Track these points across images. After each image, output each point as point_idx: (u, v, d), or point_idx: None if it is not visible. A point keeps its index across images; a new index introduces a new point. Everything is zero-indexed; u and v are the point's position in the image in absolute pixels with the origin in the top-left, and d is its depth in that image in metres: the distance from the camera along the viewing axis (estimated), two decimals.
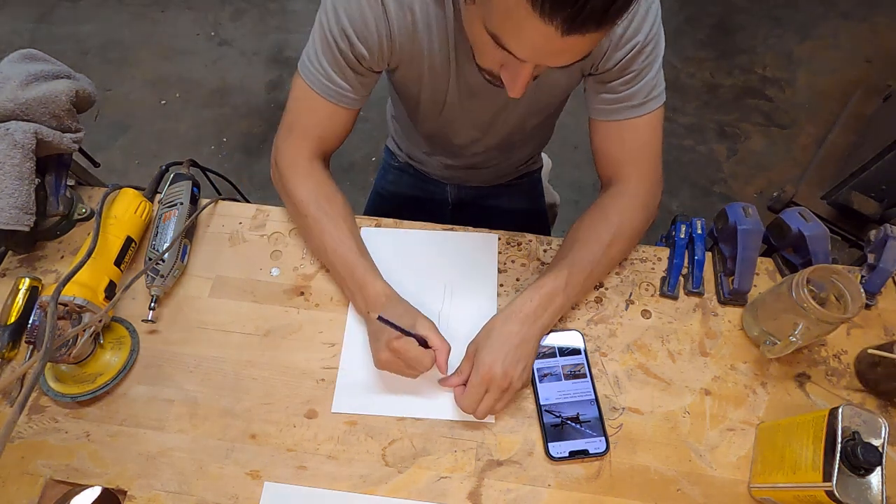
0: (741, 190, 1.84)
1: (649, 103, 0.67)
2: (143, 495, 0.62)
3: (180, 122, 2.02)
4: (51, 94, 0.71)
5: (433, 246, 0.77)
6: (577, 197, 1.81)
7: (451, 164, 0.96)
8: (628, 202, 0.71)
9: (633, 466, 0.63)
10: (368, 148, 1.94)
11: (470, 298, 0.73)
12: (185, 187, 0.77)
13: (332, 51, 0.65)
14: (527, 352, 0.64)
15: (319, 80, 0.68)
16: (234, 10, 2.28)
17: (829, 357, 0.69)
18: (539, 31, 0.45)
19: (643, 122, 0.68)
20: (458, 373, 0.65)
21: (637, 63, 0.64)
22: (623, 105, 0.68)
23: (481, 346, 0.64)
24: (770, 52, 2.12)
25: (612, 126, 0.70)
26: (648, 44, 0.63)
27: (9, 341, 0.61)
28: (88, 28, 2.24)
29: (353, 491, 0.62)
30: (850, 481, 0.51)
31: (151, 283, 0.70)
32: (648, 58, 0.64)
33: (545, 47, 0.47)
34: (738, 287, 0.70)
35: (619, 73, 0.65)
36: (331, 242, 0.70)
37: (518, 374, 0.62)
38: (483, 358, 0.62)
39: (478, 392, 0.62)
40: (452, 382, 0.65)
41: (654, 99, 0.68)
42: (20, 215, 0.68)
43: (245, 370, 0.69)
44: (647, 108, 0.68)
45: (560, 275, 0.66)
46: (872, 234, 0.71)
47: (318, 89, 0.68)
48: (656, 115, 0.69)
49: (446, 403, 0.66)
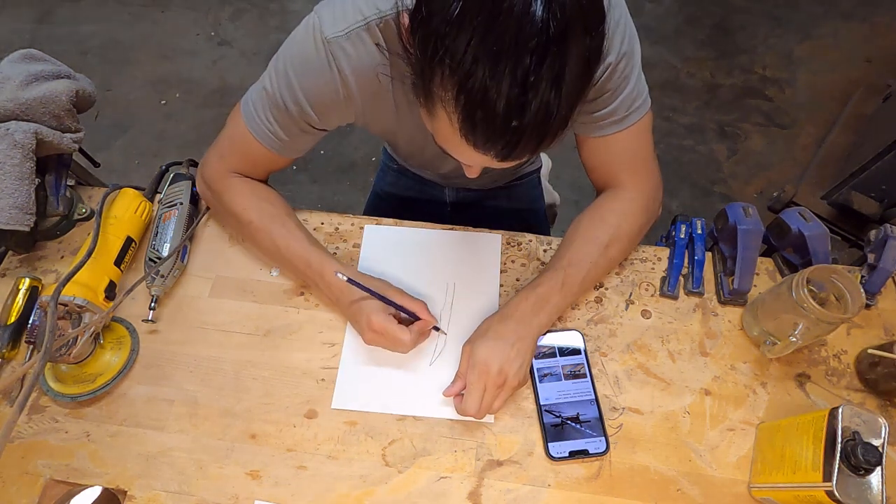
0: (741, 190, 1.84)
1: (632, 115, 0.65)
2: (143, 495, 0.62)
3: (180, 122, 2.02)
4: (51, 94, 0.71)
5: (436, 245, 0.77)
6: (577, 197, 1.81)
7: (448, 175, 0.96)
8: (627, 205, 0.70)
9: (632, 466, 0.63)
10: (368, 148, 1.93)
11: (473, 298, 0.73)
12: (185, 187, 0.77)
13: (281, 113, 0.63)
14: (523, 350, 0.64)
15: (262, 131, 0.66)
16: (234, 10, 2.28)
17: (829, 357, 0.69)
18: (478, 157, 0.47)
19: (629, 133, 0.66)
20: (458, 376, 0.65)
21: (612, 82, 0.61)
22: (606, 122, 0.65)
23: (477, 345, 0.64)
24: (770, 52, 2.12)
25: (598, 141, 0.68)
26: (621, 61, 0.60)
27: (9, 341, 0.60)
28: (88, 28, 2.24)
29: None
30: (850, 481, 0.51)
31: (151, 283, 0.70)
32: (623, 73, 0.61)
33: (487, 164, 0.49)
34: (738, 287, 0.70)
35: (596, 94, 0.62)
36: (281, 241, 0.69)
37: (514, 371, 0.62)
38: (479, 355, 0.62)
39: (477, 390, 0.62)
40: (455, 389, 0.65)
41: (636, 110, 0.65)
42: (20, 215, 0.68)
43: (245, 370, 0.69)
44: (630, 120, 0.65)
45: (556, 275, 0.67)
46: (872, 234, 0.71)
47: (258, 137, 0.66)
48: (643, 123, 0.67)
49: (446, 402, 0.66)
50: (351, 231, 0.79)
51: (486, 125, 0.43)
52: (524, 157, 0.47)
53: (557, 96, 0.41)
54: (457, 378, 0.65)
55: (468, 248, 0.77)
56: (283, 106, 0.62)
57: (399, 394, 0.67)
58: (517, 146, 0.44)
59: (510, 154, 0.45)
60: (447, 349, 0.70)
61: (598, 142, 0.68)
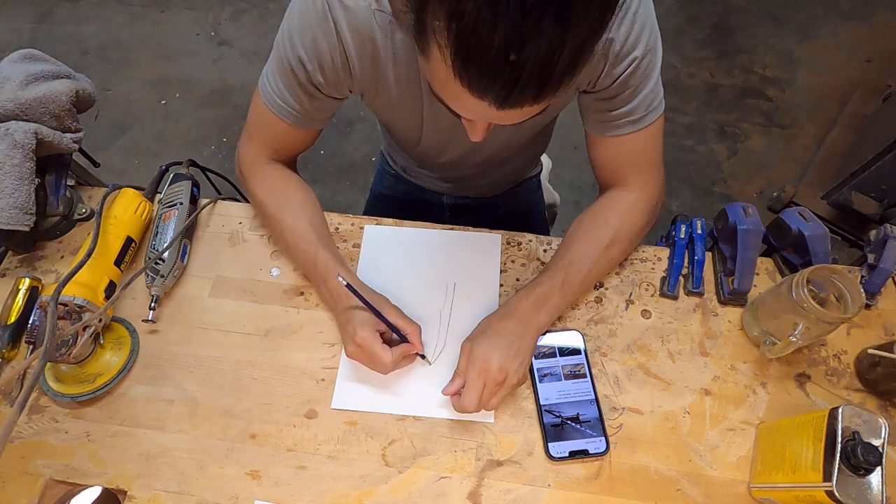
0: (741, 190, 1.84)
1: (649, 115, 0.65)
2: (143, 495, 0.62)
3: (180, 122, 2.02)
4: (51, 94, 0.71)
5: (436, 245, 0.77)
6: (577, 197, 1.81)
7: (446, 177, 0.96)
8: (630, 207, 0.70)
9: (633, 466, 0.63)
10: (368, 148, 1.93)
11: (473, 298, 0.73)
12: (185, 187, 0.77)
13: (289, 77, 0.63)
14: (523, 348, 0.64)
15: (276, 102, 0.67)
16: (234, 10, 2.28)
17: (829, 357, 0.69)
18: (475, 103, 0.43)
19: (643, 134, 0.66)
20: (457, 373, 0.65)
21: (635, 78, 0.61)
22: (623, 121, 0.65)
23: (477, 342, 0.64)
24: (770, 52, 2.12)
25: (611, 140, 0.68)
26: (646, 56, 0.60)
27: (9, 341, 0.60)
28: (88, 28, 2.24)
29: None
30: (850, 481, 0.51)
31: (151, 283, 0.70)
32: (646, 70, 0.61)
33: (486, 114, 0.45)
34: (738, 287, 0.70)
35: (618, 89, 0.62)
36: (291, 237, 0.70)
37: (514, 369, 0.62)
38: (479, 352, 0.62)
39: (476, 387, 0.61)
40: (454, 387, 0.64)
41: (653, 110, 0.65)
42: (20, 215, 0.68)
43: (245, 370, 0.69)
44: (647, 121, 0.65)
45: (557, 274, 0.67)
46: (872, 234, 0.71)
47: (274, 110, 0.67)
48: (657, 125, 0.67)
49: (446, 402, 0.66)
50: (351, 231, 0.79)
51: (481, 57, 0.39)
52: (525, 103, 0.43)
53: (562, 33, 0.37)
54: (456, 376, 0.65)
55: (468, 248, 0.77)
56: (289, 68, 0.62)
57: (399, 394, 0.67)
58: (516, 86, 0.40)
59: (509, 96, 0.41)
60: (447, 349, 0.70)
61: (612, 141, 0.68)
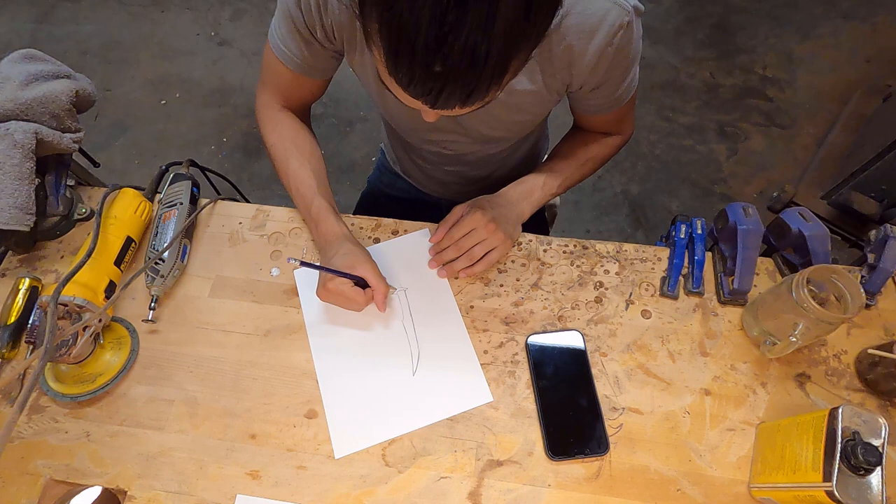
0: (741, 190, 1.84)
1: (630, 90, 0.71)
2: (143, 495, 0.62)
3: (180, 122, 2.02)
4: (51, 94, 0.71)
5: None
6: (577, 197, 1.82)
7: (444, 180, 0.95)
8: (610, 141, 0.82)
9: (633, 466, 0.63)
10: (368, 148, 1.93)
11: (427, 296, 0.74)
12: (185, 187, 0.77)
13: (288, 23, 0.66)
14: (511, 219, 0.74)
15: (279, 48, 0.70)
16: (234, 10, 2.28)
17: (829, 357, 0.69)
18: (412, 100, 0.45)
19: (626, 106, 0.74)
20: (443, 222, 0.74)
21: (619, 69, 0.66)
22: (608, 103, 0.72)
23: (470, 205, 0.73)
24: (770, 52, 2.12)
25: (596, 117, 0.77)
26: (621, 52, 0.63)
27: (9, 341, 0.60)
28: (88, 28, 2.24)
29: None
30: (850, 481, 0.51)
31: (151, 283, 0.70)
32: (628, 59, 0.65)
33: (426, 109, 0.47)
34: (738, 287, 0.70)
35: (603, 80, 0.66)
36: (294, 182, 0.74)
37: (502, 227, 0.70)
38: (475, 206, 0.72)
39: (462, 228, 0.70)
40: (440, 233, 0.73)
41: (633, 87, 0.71)
42: (20, 215, 0.68)
43: (245, 370, 0.69)
44: (628, 94, 0.72)
45: (540, 177, 0.79)
46: (872, 234, 0.71)
47: (279, 55, 0.70)
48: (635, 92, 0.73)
49: (439, 405, 0.66)
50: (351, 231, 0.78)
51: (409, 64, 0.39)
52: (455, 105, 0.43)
53: (486, 40, 0.37)
54: (443, 223, 0.74)
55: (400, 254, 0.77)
56: (288, 13, 0.65)
57: (392, 415, 0.66)
58: (442, 92, 0.41)
59: (437, 101, 0.42)
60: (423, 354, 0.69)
61: (596, 117, 0.77)
